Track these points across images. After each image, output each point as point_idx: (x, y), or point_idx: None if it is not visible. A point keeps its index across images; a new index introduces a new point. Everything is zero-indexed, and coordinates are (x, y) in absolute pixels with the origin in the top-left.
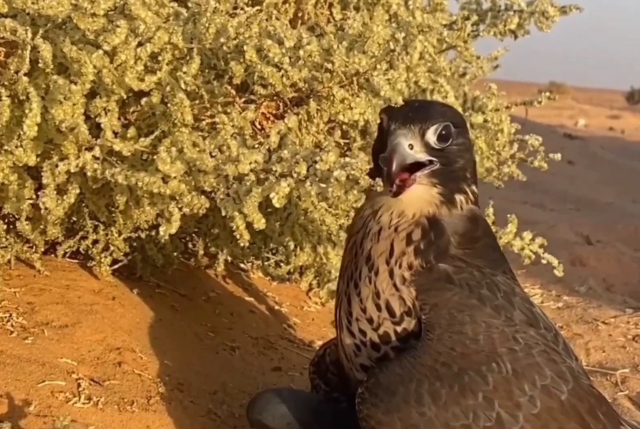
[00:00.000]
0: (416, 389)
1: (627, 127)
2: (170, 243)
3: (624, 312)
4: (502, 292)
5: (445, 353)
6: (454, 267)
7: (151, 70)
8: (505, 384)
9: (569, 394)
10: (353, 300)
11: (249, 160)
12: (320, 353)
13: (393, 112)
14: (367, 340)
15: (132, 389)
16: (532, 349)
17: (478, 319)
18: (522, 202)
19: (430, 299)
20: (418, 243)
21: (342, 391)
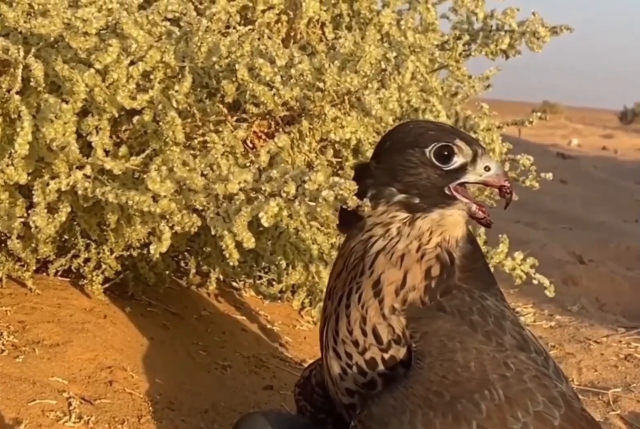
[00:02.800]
0: (410, 421)
1: (620, 146)
2: (162, 262)
3: (616, 331)
4: (493, 317)
5: (437, 381)
6: (447, 296)
7: (143, 89)
8: (498, 412)
9: (561, 419)
10: (341, 320)
11: (238, 179)
12: (306, 375)
13: (462, 135)
14: (353, 364)
15: (123, 408)
16: (523, 374)
17: (469, 346)
18: (515, 221)
19: (421, 328)
20: (431, 281)
21: (328, 412)
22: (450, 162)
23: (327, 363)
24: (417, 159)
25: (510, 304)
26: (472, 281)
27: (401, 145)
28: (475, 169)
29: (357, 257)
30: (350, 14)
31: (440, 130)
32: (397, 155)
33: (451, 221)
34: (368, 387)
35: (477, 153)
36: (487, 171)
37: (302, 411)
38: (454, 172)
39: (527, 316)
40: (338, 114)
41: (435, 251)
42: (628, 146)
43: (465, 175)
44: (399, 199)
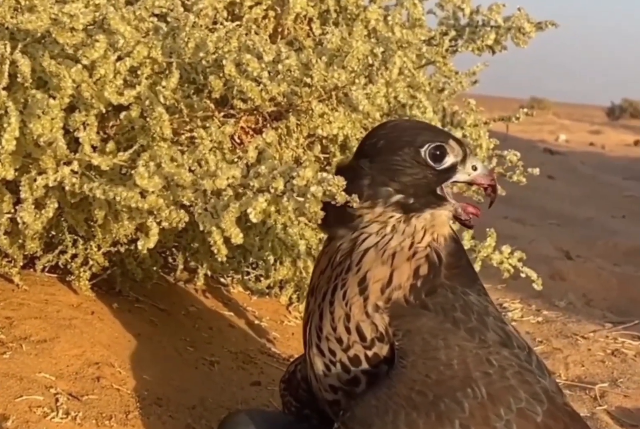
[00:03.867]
0: (393, 421)
1: (608, 142)
2: (149, 257)
3: (603, 326)
4: (476, 313)
5: (419, 380)
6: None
7: (130, 85)
8: (481, 410)
9: (544, 415)
10: (325, 317)
11: (226, 175)
12: (291, 370)
13: (453, 136)
14: (336, 361)
15: (111, 404)
16: (506, 371)
17: (452, 344)
18: (503, 217)
19: (404, 326)
20: (417, 280)
21: (314, 407)
22: (442, 162)
23: (311, 360)
24: (412, 158)
25: (497, 299)
26: (456, 278)
27: (396, 144)
28: (465, 169)
29: (343, 254)
30: (338, 10)
31: (433, 130)
32: (392, 154)
33: (440, 221)
34: (351, 384)
35: (467, 153)
36: (474, 170)
37: (287, 406)
38: (444, 172)
39: (514, 312)
40: (326, 110)
41: (426, 250)
42: (615, 141)
43: (455, 174)
44: (396, 199)
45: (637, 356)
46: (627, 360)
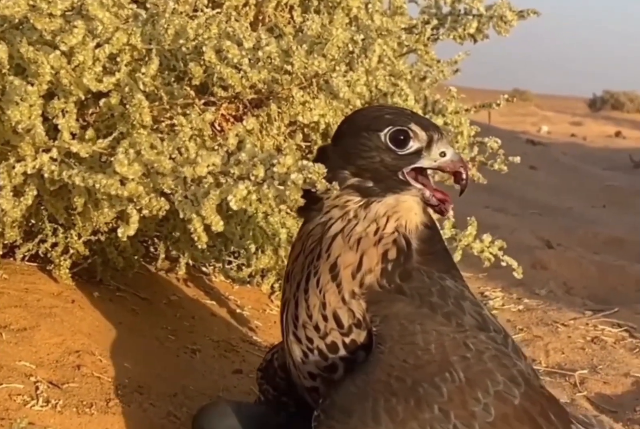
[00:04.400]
0: (372, 408)
1: (589, 133)
2: (130, 246)
3: (583, 314)
4: (452, 297)
5: (398, 365)
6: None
7: (109, 72)
8: (459, 394)
9: (521, 398)
10: (300, 305)
11: (206, 162)
12: (268, 358)
13: (420, 121)
14: (314, 348)
15: (91, 392)
16: (483, 354)
17: (429, 328)
18: (484, 207)
19: (381, 311)
20: (387, 264)
21: (291, 395)
22: (405, 146)
23: (289, 347)
24: (371, 142)
25: (479, 288)
26: (431, 263)
27: (356, 128)
28: (430, 155)
29: (314, 240)
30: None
31: (397, 114)
32: (351, 138)
33: (405, 206)
34: (329, 371)
35: (432, 138)
36: (442, 156)
37: (265, 395)
38: (408, 157)
39: (495, 300)
40: (307, 99)
41: (393, 235)
42: (597, 133)
43: (419, 160)
44: (351, 182)
45: (617, 343)
46: (607, 347)
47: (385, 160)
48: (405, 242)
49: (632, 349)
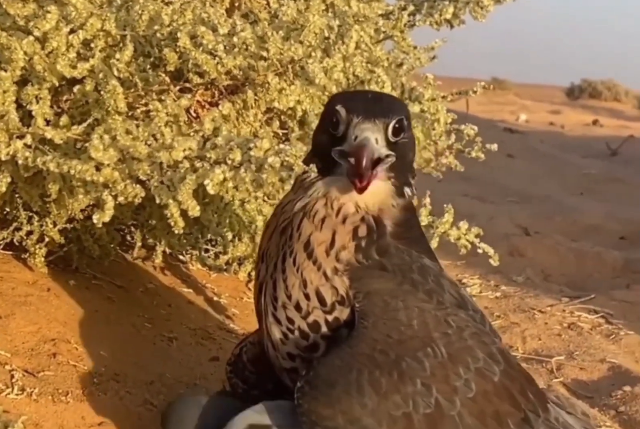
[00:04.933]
0: (356, 379)
1: (567, 122)
2: (106, 234)
3: (560, 301)
4: (432, 275)
5: (381, 340)
6: (387, 255)
7: (84, 58)
8: (441, 369)
9: (501, 375)
10: (279, 286)
11: (182, 147)
12: (237, 352)
13: (352, 104)
14: (295, 328)
15: (67, 380)
16: (463, 332)
17: (411, 305)
18: (462, 195)
19: (364, 287)
20: (360, 241)
21: (261, 388)
22: (337, 128)
23: (267, 329)
24: (324, 123)
25: (457, 275)
26: (407, 244)
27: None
28: (348, 138)
29: (286, 218)
30: None
31: (349, 95)
32: (319, 120)
33: (340, 186)
34: (310, 350)
35: (351, 121)
36: (354, 141)
37: (234, 389)
38: (340, 139)
39: (473, 287)
40: (284, 86)
41: (358, 214)
42: (575, 121)
43: (344, 143)
44: (309, 161)
45: (593, 330)
46: (583, 333)
47: (325, 141)
48: (375, 221)
49: (608, 335)
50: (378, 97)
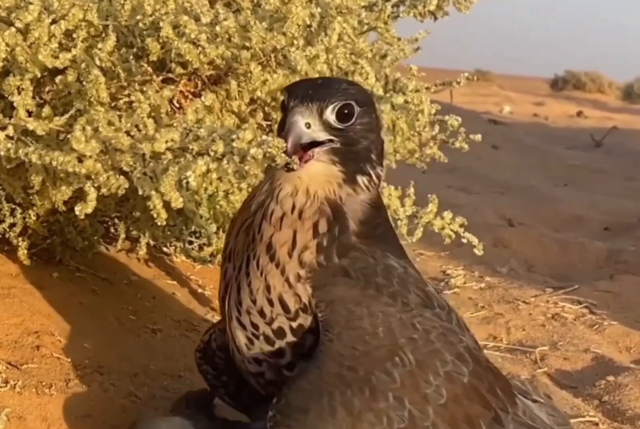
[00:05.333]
0: (328, 403)
1: (551, 113)
2: (90, 226)
3: (544, 291)
4: (397, 277)
5: (348, 354)
6: (350, 259)
7: (66, 48)
8: (411, 378)
9: (469, 375)
10: (243, 290)
11: (165, 138)
12: (206, 339)
13: (293, 89)
14: (260, 334)
15: (51, 372)
16: (430, 334)
17: (375, 311)
18: (447, 186)
19: (326, 296)
20: (322, 239)
21: (231, 374)
22: (284, 113)
23: (232, 333)
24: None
25: (441, 266)
26: (373, 243)
27: None
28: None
29: (248, 216)
30: None
31: (298, 81)
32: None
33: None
34: (276, 356)
35: (288, 106)
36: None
37: (204, 375)
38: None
39: (457, 278)
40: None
41: (313, 206)
42: (558, 113)
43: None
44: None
45: (577, 320)
46: (567, 324)
47: (280, 127)
48: (333, 211)
49: (591, 325)
50: (326, 82)
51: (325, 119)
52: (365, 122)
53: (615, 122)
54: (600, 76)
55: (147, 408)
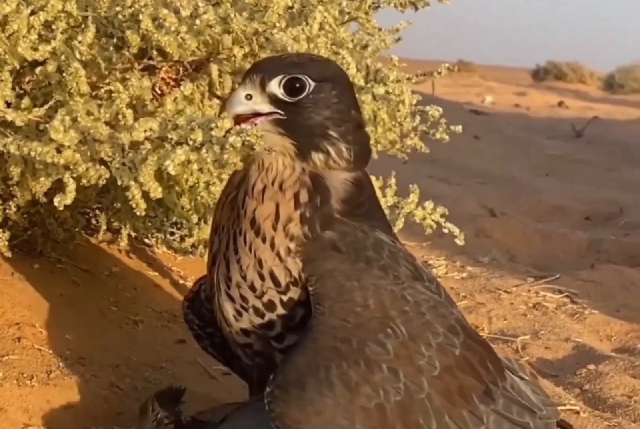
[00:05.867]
0: (326, 377)
1: (532, 104)
2: (70, 218)
3: (525, 281)
4: (387, 250)
5: (340, 326)
6: (339, 233)
7: (45, 40)
8: (404, 350)
9: (461, 347)
10: (232, 266)
11: (143, 127)
12: (195, 289)
13: (254, 64)
14: (249, 306)
15: (32, 363)
16: (421, 306)
17: (366, 283)
18: (428, 177)
19: (317, 270)
20: (304, 209)
21: (217, 326)
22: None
23: (220, 305)
24: None
25: (423, 256)
26: (360, 220)
27: None
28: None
29: (232, 190)
30: None
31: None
32: None
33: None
34: (265, 328)
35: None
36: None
37: (190, 325)
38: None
39: (439, 268)
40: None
41: (292, 176)
42: (540, 103)
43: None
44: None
45: (558, 309)
46: (548, 313)
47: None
48: (312, 181)
49: (572, 314)
50: (284, 57)
51: (269, 92)
52: (321, 98)
53: (596, 113)
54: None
55: (129, 399)
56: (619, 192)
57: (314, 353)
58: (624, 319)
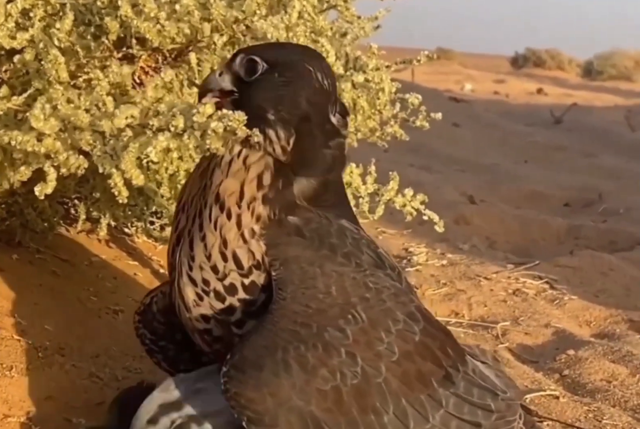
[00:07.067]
0: (282, 358)
1: (512, 91)
2: (49, 208)
3: (505, 268)
4: (350, 238)
5: (301, 312)
6: (303, 219)
7: (23, 28)
8: (363, 335)
9: (421, 334)
10: (196, 245)
11: (125, 114)
12: (147, 302)
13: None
14: (210, 290)
15: (11, 354)
16: (382, 294)
17: (329, 270)
18: (409, 165)
19: (280, 254)
20: (267, 190)
21: (170, 339)
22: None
23: (180, 289)
24: None
25: (403, 244)
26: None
27: None
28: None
29: (203, 162)
30: None
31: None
32: None
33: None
34: (226, 313)
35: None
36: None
37: (141, 339)
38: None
39: (419, 255)
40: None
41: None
42: (519, 90)
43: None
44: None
45: (537, 295)
46: (528, 299)
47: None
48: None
49: (552, 300)
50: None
51: (234, 70)
52: (269, 80)
53: (575, 99)
54: (560, 53)
55: (110, 388)
56: (597, 179)
57: (272, 334)
58: (603, 305)
